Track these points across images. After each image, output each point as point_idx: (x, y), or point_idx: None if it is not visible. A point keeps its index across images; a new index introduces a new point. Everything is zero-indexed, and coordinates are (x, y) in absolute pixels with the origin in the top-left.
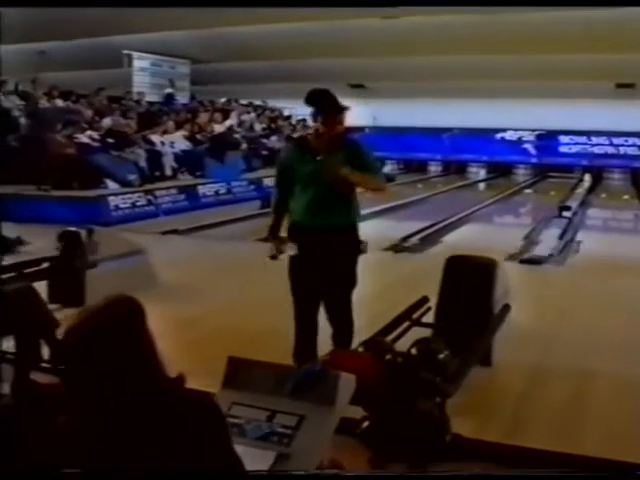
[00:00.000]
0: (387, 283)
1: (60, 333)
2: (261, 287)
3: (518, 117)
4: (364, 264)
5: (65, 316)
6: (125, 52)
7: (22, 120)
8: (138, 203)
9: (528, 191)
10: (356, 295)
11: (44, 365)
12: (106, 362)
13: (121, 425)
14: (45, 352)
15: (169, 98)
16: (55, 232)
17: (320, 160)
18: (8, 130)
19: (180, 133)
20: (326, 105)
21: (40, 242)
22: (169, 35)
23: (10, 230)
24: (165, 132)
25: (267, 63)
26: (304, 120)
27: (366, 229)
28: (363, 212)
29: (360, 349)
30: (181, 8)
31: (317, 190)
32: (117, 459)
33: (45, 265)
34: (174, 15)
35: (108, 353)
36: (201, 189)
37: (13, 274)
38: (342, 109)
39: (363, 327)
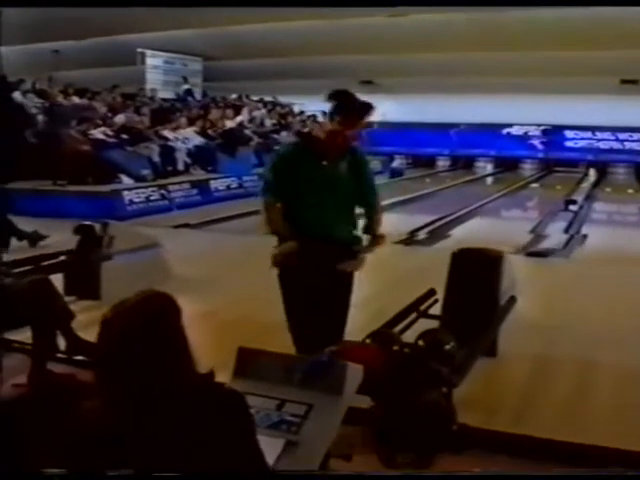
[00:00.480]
0: (395, 276)
1: (75, 324)
2: (272, 280)
3: (524, 112)
4: (374, 257)
5: (81, 308)
6: (138, 50)
7: (40, 117)
8: (152, 197)
9: (534, 185)
10: (365, 288)
11: (60, 356)
12: (140, 355)
13: (150, 418)
14: (61, 343)
15: (187, 94)
16: (71, 226)
17: (326, 166)
18: (25, 127)
19: (191, 129)
20: (354, 104)
21: (57, 236)
22: (181, 33)
23: (28, 224)
24: (177, 128)
25: (277, 60)
26: (314, 116)
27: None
28: None
29: (367, 341)
30: (184, 8)
31: (321, 198)
32: (145, 451)
33: (61, 258)
34: (186, 14)
35: (142, 347)
36: (213, 184)
37: (30, 267)
38: (370, 108)
39: (371, 319)
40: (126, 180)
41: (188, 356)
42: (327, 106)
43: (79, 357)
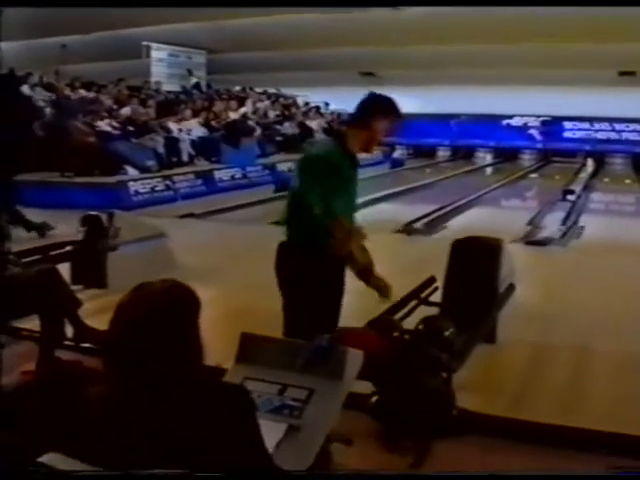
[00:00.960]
0: (395, 264)
1: (82, 312)
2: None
3: (524, 104)
4: (376, 246)
5: (87, 297)
6: (144, 43)
7: (47, 110)
8: (157, 188)
9: (533, 175)
10: None
11: (67, 343)
12: (152, 343)
13: (157, 406)
14: (68, 331)
15: (195, 87)
16: (78, 217)
17: (353, 171)
18: (33, 119)
19: (195, 120)
20: (396, 111)
21: (64, 226)
22: (185, 27)
23: (36, 215)
24: (181, 119)
25: (280, 53)
26: (318, 107)
27: (377, 212)
28: (374, 196)
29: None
30: (184, 7)
31: (351, 203)
32: (149, 439)
33: (68, 248)
34: (190, 8)
35: (156, 335)
36: (217, 174)
37: (38, 256)
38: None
39: (371, 306)
40: (131, 171)
41: (199, 350)
42: (329, 98)
43: (86, 344)
